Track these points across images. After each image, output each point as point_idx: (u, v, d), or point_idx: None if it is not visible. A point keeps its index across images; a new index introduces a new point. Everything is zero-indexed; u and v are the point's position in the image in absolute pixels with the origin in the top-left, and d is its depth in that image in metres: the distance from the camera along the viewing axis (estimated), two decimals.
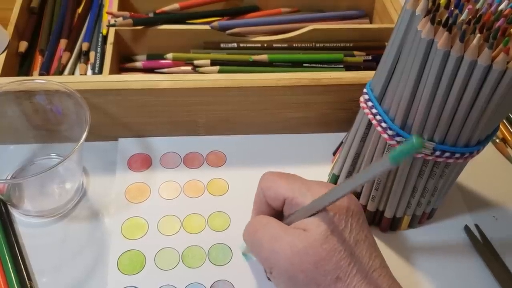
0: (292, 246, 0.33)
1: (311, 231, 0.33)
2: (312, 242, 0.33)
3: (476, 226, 0.48)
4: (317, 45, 0.57)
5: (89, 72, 0.55)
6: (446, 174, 0.41)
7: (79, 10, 0.60)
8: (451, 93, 0.35)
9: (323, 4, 0.63)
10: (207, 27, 0.56)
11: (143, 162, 0.50)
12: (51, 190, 0.46)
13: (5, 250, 0.41)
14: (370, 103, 0.40)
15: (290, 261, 0.33)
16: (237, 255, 0.44)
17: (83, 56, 0.56)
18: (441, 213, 0.48)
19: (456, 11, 0.33)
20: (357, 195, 0.45)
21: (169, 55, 0.56)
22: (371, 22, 0.64)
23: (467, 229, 0.47)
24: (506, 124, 0.57)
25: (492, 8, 0.33)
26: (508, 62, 0.32)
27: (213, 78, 0.48)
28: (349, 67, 0.56)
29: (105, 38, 0.56)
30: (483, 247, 0.46)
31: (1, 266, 0.41)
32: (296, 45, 0.57)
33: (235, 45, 0.56)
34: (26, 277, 0.40)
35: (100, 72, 0.53)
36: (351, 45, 0.58)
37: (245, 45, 0.57)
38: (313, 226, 0.34)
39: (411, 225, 0.47)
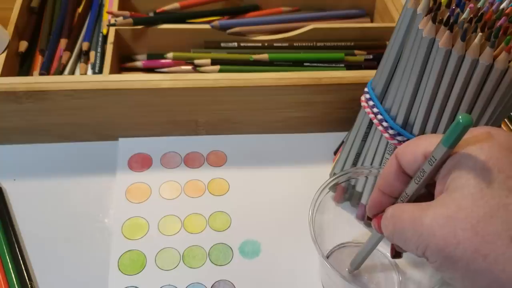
0: (437, 218, 0.26)
1: (457, 190, 0.26)
2: (461, 203, 0.26)
3: None
4: (318, 44, 0.57)
5: (89, 71, 0.55)
6: None
7: (79, 9, 0.60)
8: (452, 92, 0.34)
9: (323, 3, 0.63)
10: (207, 26, 0.56)
11: (143, 162, 0.50)
12: None
13: (5, 250, 0.41)
14: (371, 102, 0.40)
15: (440, 236, 0.26)
16: (237, 255, 0.44)
17: (83, 55, 0.56)
18: None
19: (458, 10, 0.33)
20: (359, 195, 0.45)
21: (170, 55, 0.56)
22: (372, 21, 0.64)
23: None
24: (508, 123, 0.57)
25: (494, 7, 0.33)
26: (509, 61, 0.32)
27: (214, 77, 0.48)
28: (350, 66, 0.56)
29: (105, 37, 0.56)
30: None
31: (1, 266, 0.41)
32: (297, 44, 0.57)
33: (235, 44, 0.56)
34: (26, 277, 0.40)
35: (101, 71, 0.53)
36: (352, 44, 0.58)
37: (245, 44, 0.57)
38: (458, 182, 0.26)
39: None
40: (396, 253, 0.34)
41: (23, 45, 0.54)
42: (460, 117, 0.24)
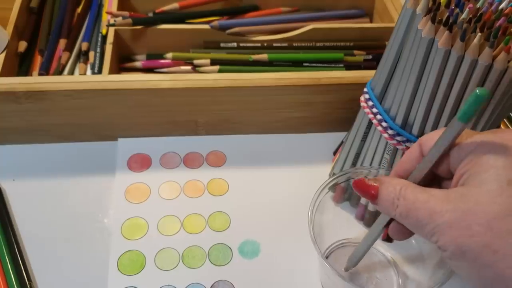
0: (455, 210, 0.27)
1: (477, 185, 0.27)
2: (479, 198, 0.26)
3: None
4: (317, 44, 0.57)
5: (89, 72, 0.55)
6: None
7: (79, 9, 0.60)
8: (451, 92, 0.34)
9: (323, 3, 0.63)
10: (206, 26, 0.56)
11: (143, 162, 0.50)
12: None
13: (5, 250, 0.41)
14: (370, 103, 0.40)
15: (456, 228, 0.27)
16: (237, 255, 0.44)
17: (83, 56, 0.56)
18: None
19: (457, 10, 0.33)
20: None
21: (169, 55, 0.56)
22: (371, 22, 0.64)
23: None
24: (507, 123, 0.57)
25: (493, 7, 0.33)
26: (508, 61, 0.32)
27: (213, 77, 0.48)
28: (349, 66, 0.56)
29: (104, 37, 0.56)
30: None
31: (1, 267, 0.41)
32: (296, 44, 0.57)
33: (235, 44, 0.56)
34: (26, 278, 0.40)
35: (100, 72, 0.53)
36: (351, 44, 0.58)
37: (245, 44, 0.57)
38: (479, 177, 0.27)
39: None
40: (388, 238, 0.35)
41: (22, 45, 0.54)
42: (477, 90, 0.25)
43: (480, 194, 0.26)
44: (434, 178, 0.32)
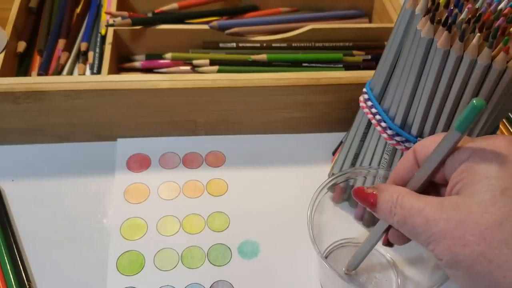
0: (449, 220, 0.27)
1: (471, 195, 0.27)
2: (472, 208, 0.27)
3: None
4: (316, 44, 0.57)
5: (88, 72, 0.55)
6: None
7: (78, 10, 0.60)
8: (450, 92, 0.35)
9: (322, 3, 0.63)
10: (206, 26, 0.56)
11: (142, 163, 0.50)
12: None
13: (4, 250, 0.41)
14: (369, 103, 0.40)
15: (450, 237, 0.27)
16: (236, 255, 0.44)
17: (82, 56, 0.56)
18: None
19: (456, 10, 0.33)
20: None
21: (168, 55, 0.55)
22: (370, 22, 0.64)
23: None
24: (506, 123, 0.57)
25: (492, 7, 0.33)
26: (507, 61, 0.32)
27: (212, 78, 0.48)
28: (349, 66, 0.56)
29: (103, 38, 0.56)
30: None
31: (0, 267, 0.41)
32: (295, 44, 0.57)
33: (234, 44, 0.56)
34: (25, 278, 0.40)
35: (99, 72, 0.53)
36: (351, 44, 0.58)
37: (244, 44, 0.57)
38: (472, 187, 0.27)
39: None
40: (388, 243, 0.35)
41: (21, 46, 0.54)
42: (474, 100, 0.25)
43: (474, 204, 0.27)
44: (432, 184, 0.32)
